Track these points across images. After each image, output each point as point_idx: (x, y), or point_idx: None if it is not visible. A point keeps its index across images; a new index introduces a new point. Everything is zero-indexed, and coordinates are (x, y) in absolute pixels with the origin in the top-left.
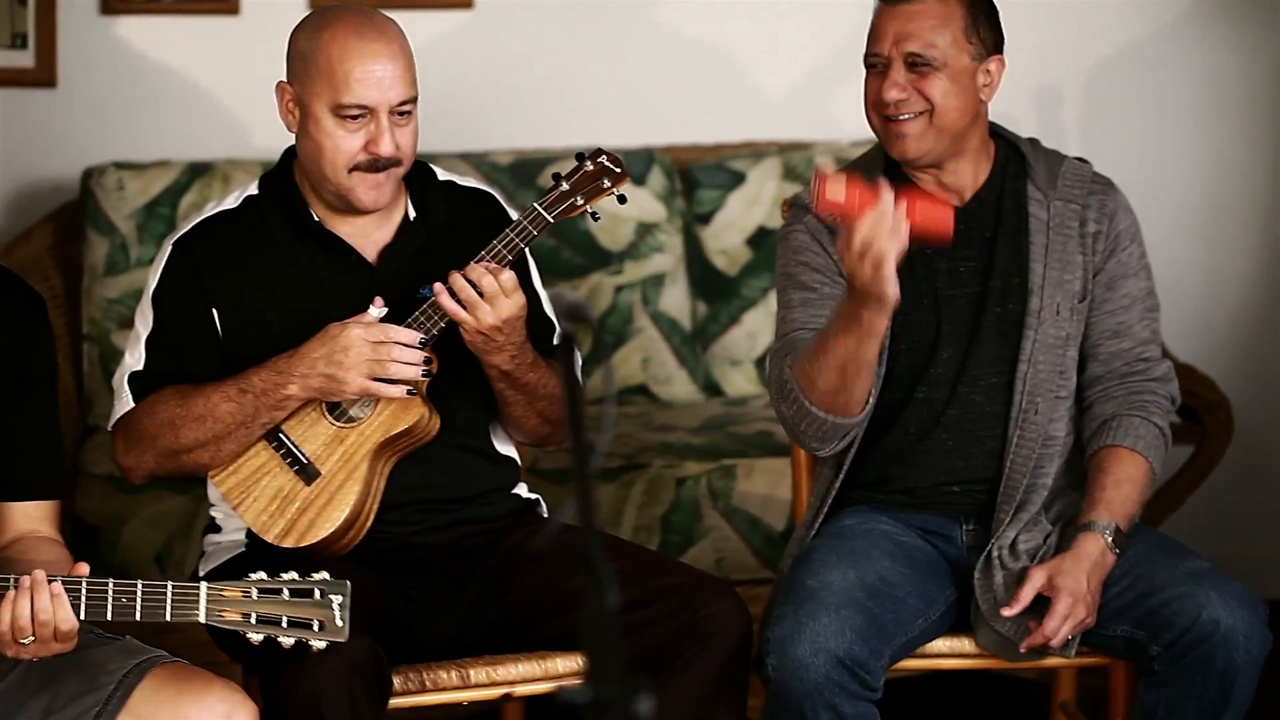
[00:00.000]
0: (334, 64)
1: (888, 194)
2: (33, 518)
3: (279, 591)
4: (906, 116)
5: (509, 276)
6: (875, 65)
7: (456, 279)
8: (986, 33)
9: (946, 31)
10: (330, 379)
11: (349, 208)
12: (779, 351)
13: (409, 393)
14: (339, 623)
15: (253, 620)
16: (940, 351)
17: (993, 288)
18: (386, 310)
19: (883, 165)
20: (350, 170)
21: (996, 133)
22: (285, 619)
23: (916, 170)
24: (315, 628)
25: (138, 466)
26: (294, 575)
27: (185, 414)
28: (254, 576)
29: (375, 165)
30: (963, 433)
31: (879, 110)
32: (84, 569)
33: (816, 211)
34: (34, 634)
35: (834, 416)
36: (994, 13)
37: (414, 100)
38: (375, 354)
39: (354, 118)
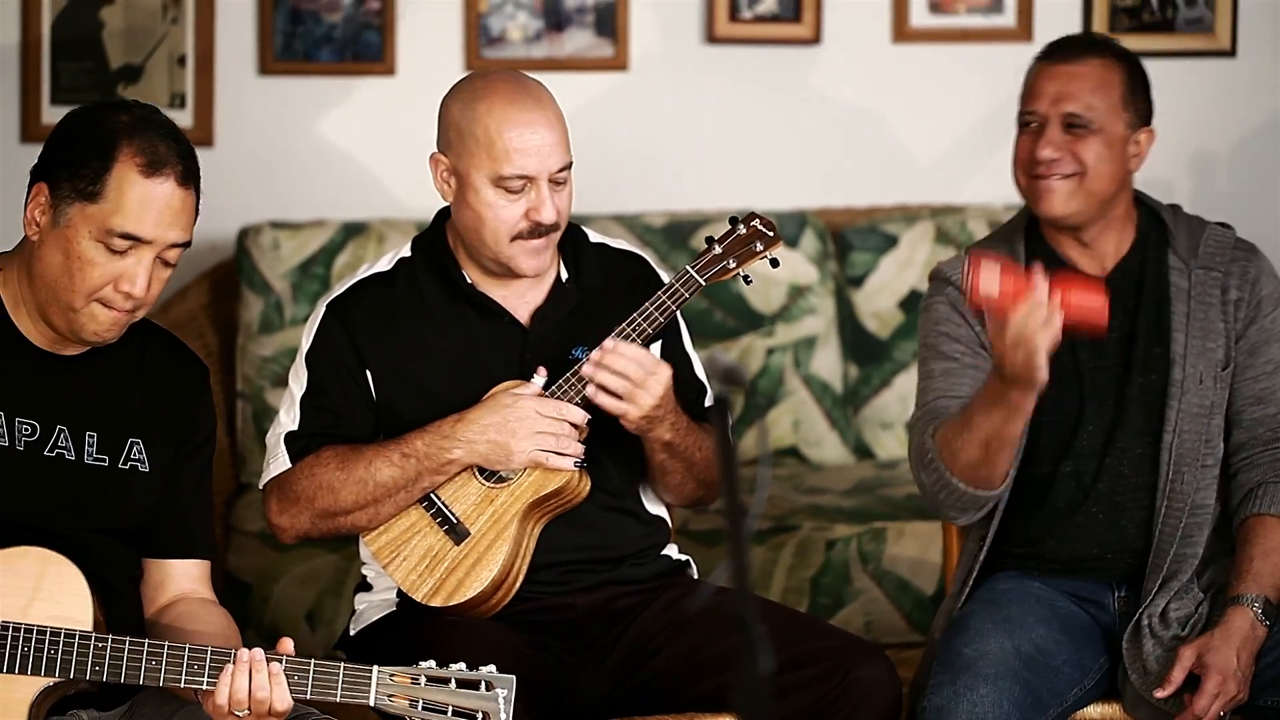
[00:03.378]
0: (493, 136)
1: (1041, 283)
2: (192, 577)
3: (447, 681)
4: (1057, 174)
5: (646, 354)
6: (1030, 124)
7: (601, 375)
8: (1141, 103)
9: (1105, 95)
10: (499, 447)
11: (508, 274)
12: (921, 420)
13: (577, 465)
14: (503, 716)
15: (419, 707)
16: (1085, 424)
17: (1135, 358)
18: (546, 378)
19: (1024, 232)
20: (512, 239)
21: (1139, 200)
22: (450, 708)
23: (1061, 234)
24: (479, 719)
25: (291, 527)
26: (462, 666)
27: (346, 477)
28: (424, 665)
29: (536, 232)
30: (1113, 505)
31: (1028, 169)
32: (288, 646)
33: (970, 302)
34: (250, 709)
35: (974, 489)
36: (1148, 85)
37: (570, 165)
38: (549, 428)
39: (515, 189)
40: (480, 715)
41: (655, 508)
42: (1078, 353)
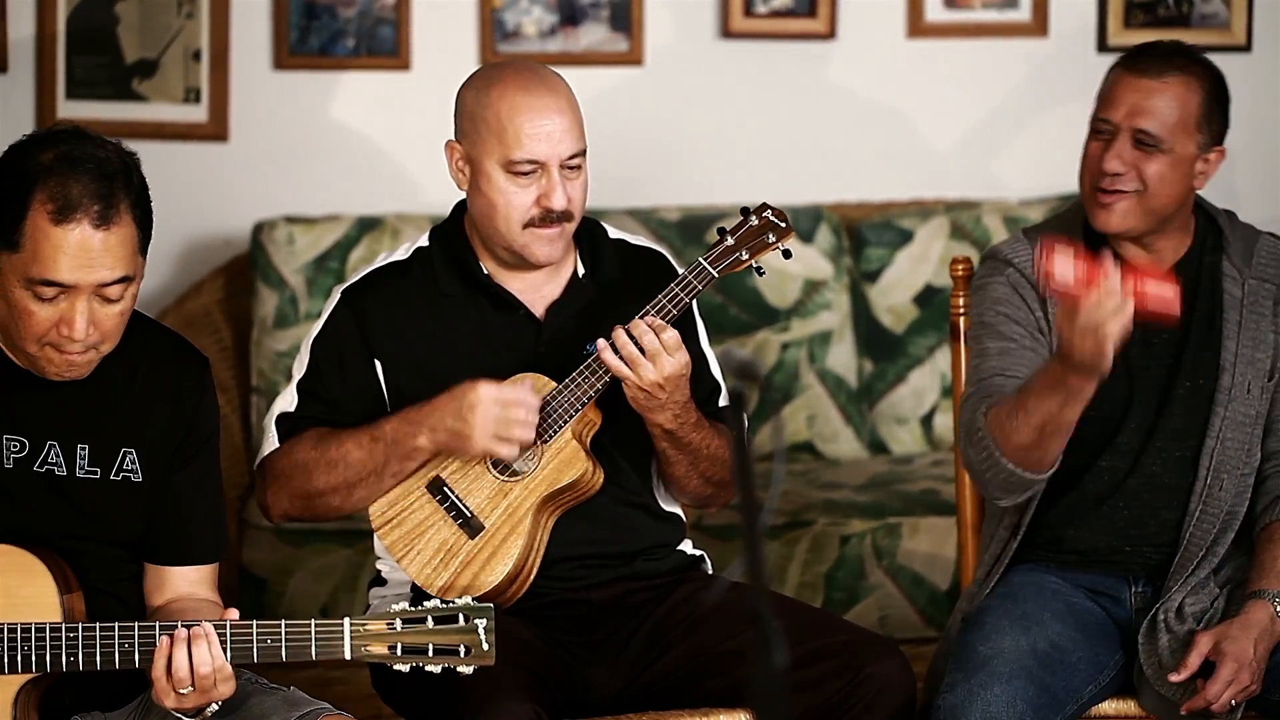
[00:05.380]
0: (504, 120)
1: (1114, 271)
2: (192, 580)
3: (423, 620)
4: (1118, 190)
5: (672, 334)
6: (1102, 132)
7: (619, 335)
8: (1217, 122)
9: (1181, 116)
10: (456, 435)
11: (522, 263)
12: (973, 396)
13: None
14: (485, 646)
15: (398, 651)
16: (1128, 421)
17: (1185, 361)
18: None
19: (1083, 227)
20: (524, 226)
21: (1196, 205)
22: (431, 647)
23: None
24: (461, 653)
25: (275, 505)
26: (436, 602)
27: (319, 457)
28: (397, 607)
29: (548, 218)
30: (1141, 503)
31: (1094, 178)
32: (232, 614)
33: (1043, 290)
34: (193, 685)
35: (1023, 471)
36: (1228, 102)
37: (583, 153)
38: (502, 413)
39: (525, 173)
40: (462, 648)
41: (669, 504)
42: (1129, 350)
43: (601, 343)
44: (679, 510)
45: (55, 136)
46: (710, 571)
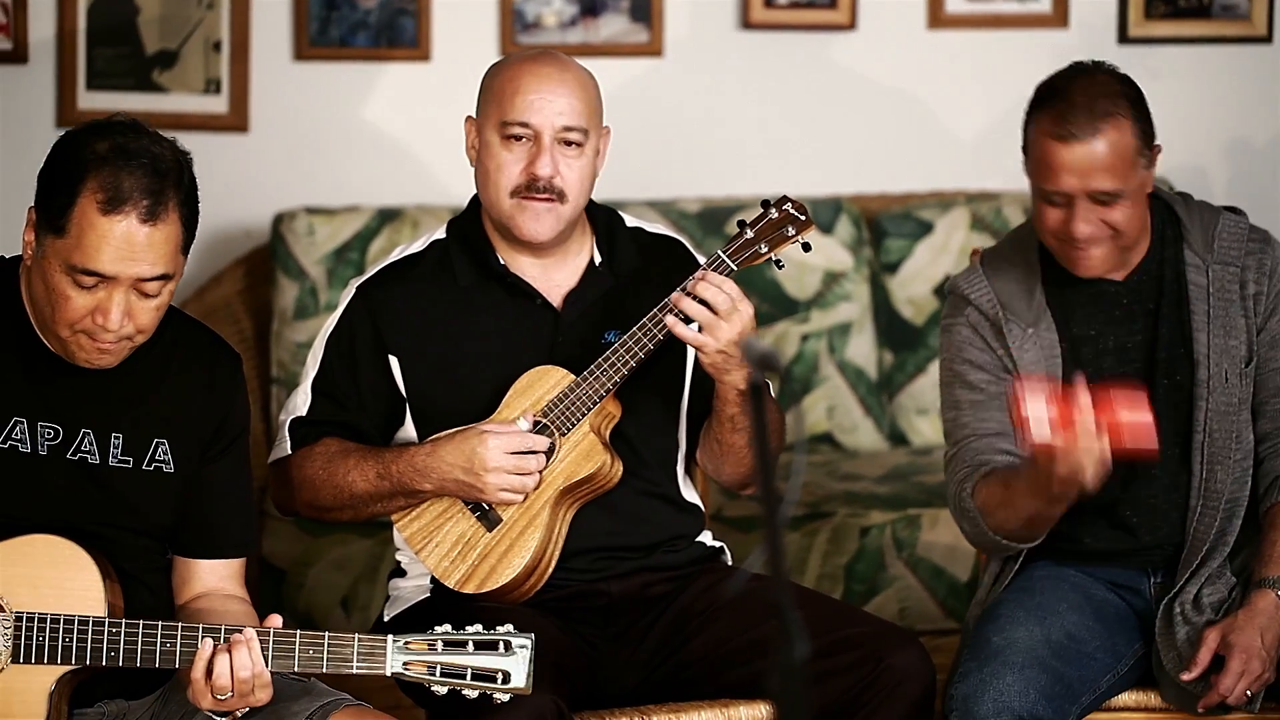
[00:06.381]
0: (504, 85)
1: (1088, 410)
2: (220, 575)
3: (464, 644)
4: (1093, 246)
5: (735, 287)
6: (1056, 204)
7: (685, 302)
8: (1148, 132)
9: (1125, 159)
10: (469, 487)
11: (517, 242)
12: (956, 464)
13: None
14: (524, 675)
15: (437, 673)
16: None
17: (1159, 361)
18: (533, 424)
19: (1037, 249)
20: (512, 194)
21: (1151, 195)
22: (470, 671)
23: None
24: (499, 680)
25: (286, 506)
26: (479, 627)
27: (327, 479)
28: (439, 629)
29: (533, 187)
30: (1147, 507)
31: (1059, 238)
32: (275, 620)
33: (1019, 435)
34: (233, 690)
35: (1017, 544)
36: (1146, 103)
37: (584, 133)
38: (512, 465)
39: (517, 138)
40: (500, 675)
41: (691, 495)
42: (1103, 361)
43: (671, 319)
44: (699, 501)
45: (113, 127)
46: (730, 563)
